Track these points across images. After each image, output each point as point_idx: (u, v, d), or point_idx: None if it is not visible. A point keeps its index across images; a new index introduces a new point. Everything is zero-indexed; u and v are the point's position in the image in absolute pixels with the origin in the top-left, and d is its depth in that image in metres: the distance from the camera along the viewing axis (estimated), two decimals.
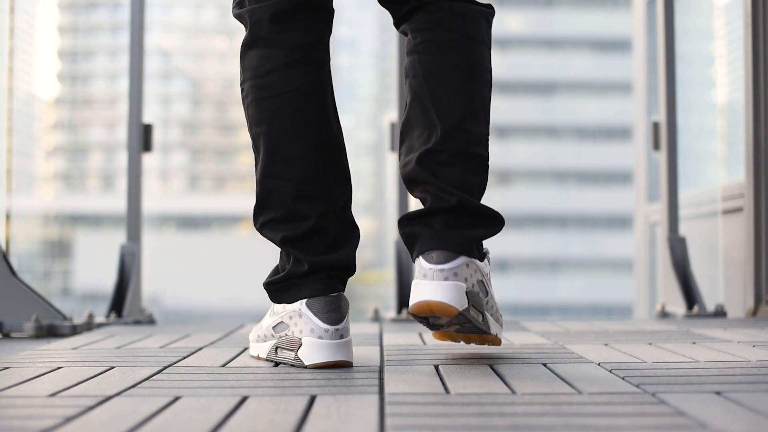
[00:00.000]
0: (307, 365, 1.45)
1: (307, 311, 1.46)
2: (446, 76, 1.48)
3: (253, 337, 1.62)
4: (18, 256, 3.07)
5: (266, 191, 1.49)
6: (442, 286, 1.40)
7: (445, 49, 1.48)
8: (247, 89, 1.50)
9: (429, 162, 1.46)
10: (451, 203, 1.44)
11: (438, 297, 1.39)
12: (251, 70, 1.48)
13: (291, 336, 1.49)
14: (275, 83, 1.46)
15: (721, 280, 3.18)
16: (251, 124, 1.51)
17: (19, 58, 22.22)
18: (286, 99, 1.46)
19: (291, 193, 1.47)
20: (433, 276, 1.41)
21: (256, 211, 1.52)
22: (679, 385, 1.24)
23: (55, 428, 0.99)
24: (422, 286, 1.42)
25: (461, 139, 1.46)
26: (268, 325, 1.56)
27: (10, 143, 2.67)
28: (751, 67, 2.87)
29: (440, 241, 1.43)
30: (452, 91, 1.47)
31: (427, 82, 1.48)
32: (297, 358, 1.47)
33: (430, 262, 1.42)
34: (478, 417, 1.02)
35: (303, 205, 1.47)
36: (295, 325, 1.48)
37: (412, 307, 1.44)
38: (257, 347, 1.60)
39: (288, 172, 1.47)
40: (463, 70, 1.48)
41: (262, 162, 1.49)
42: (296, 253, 1.48)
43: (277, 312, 1.53)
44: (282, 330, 1.51)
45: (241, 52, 1.51)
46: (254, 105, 1.48)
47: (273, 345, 1.53)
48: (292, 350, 1.48)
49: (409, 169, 1.49)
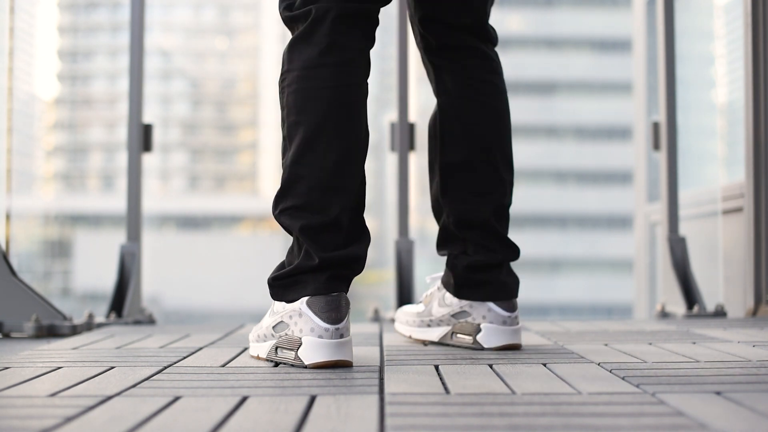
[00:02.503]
0: (307, 365, 1.46)
1: (308, 310, 1.47)
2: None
3: (253, 337, 1.63)
4: (18, 256, 3.07)
5: (295, 178, 1.50)
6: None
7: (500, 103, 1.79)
8: (291, 79, 1.52)
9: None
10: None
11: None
12: (301, 61, 1.51)
13: (291, 335, 1.49)
14: (326, 77, 1.50)
15: (721, 280, 3.18)
16: (290, 111, 1.52)
17: (19, 58, 22.06)
18: (334, 94, 1.50)
19: (319, 183, 1.50)
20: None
21: (278, 196, 1.53)
22: (679, 385, 1.24)
23: (55, 428, 0.99)
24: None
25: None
26: (267, 324, 1.56)
27: (10, 143, 2.66)
28: (751, 67, 2.87)
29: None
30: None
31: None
32: (297, 358, 1.47)
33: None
34: (478, 417, 1.02)
35: (327, 197, 1.50)
36: (295, 324, 1.48)
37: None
38: (257, 347, 1.61)
39: (321, 161, 1.50)
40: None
41: (295, 149, 1.50)
42: (310, 244, 1.49)
43: (277, 311, 1.54)
44: (282, 329, 1.52)
45: (291, 44, 1.54)
46: (298, 94, 1.51)
47: (273, 345, 1.54)
48: (292, 350, 1.48)
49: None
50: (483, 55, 1.75)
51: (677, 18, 3.16)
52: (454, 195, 1.75)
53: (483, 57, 1.75)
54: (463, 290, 1.75)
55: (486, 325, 1.72)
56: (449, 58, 1.74)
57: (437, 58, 1.75)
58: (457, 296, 1.75)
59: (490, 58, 1.75)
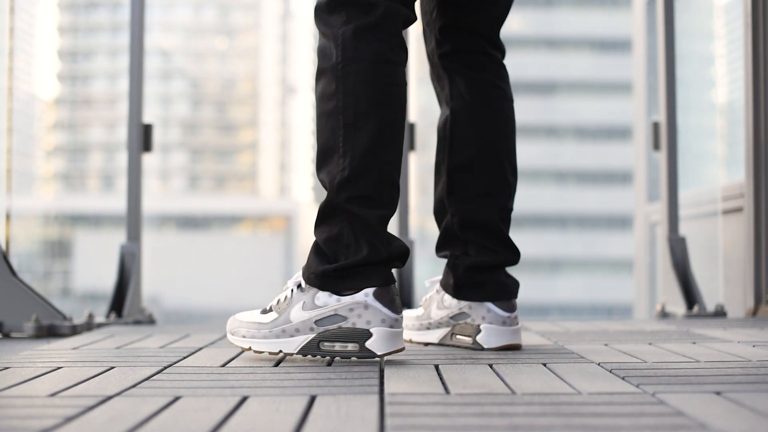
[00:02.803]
0: (380, 354, 1.50)
1: (376, 302, 1.50)
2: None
3: (261, 332, 1.57)
4: (18, 256, 3.07)
5: (366, 168, 1.52)
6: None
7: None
8: (361, 67, 1.52)
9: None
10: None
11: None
12: (371, 53, 1.53)
13: (353, 327, 1.50)
14: (398, 75, 1.56)
15: (721, 280, 3.18)
16: (359, 99, 1.52)
17: (19, 58, 22.09)
18: (403, 93, 1.57)
19: (389, 177, 1.54)
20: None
21: (343, 183, 1.52)
22: (679, 385, 1.24)
23: (55, 428, 0.99)
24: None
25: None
26: (303, 318, 1.53)
27: (10, 143, 2.66)
28: (751, 67, 2.87)
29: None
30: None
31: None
32: (364, 349, 1.49)
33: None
34: (478, 417, 1.02)
35: (393, 192, 1.56)
36: (358, 316, 1.50)
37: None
38: (277, 344, 1.56)
39: (392, 156, 1.54)
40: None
41: (368, 139, 1.51)
42: (380, 236, 1.53)
43: (324, 304, 1.52)
44: (334, 322, 1.51)
45: (356, 31, 1.53)
46: (371, 86, 1.52)
47: (312, 338, 1.52)
48: (356, 342, 1.50)
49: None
50: (496, 63, 1.81)
51: (677, 18, 3.16)
52: (461, 195, 1.77)
53: (496, 64, 1.81)
54: (462, 291, 1.75)
55: (486, 325, 1.72)
56: (465, 64, 1.79)
57: (453, 63, 1.80)
58: (457, 297, 1.76)
59: (502, 66, 1.82)
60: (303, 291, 1.56)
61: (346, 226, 1.52)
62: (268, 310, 1.60)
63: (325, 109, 1.54)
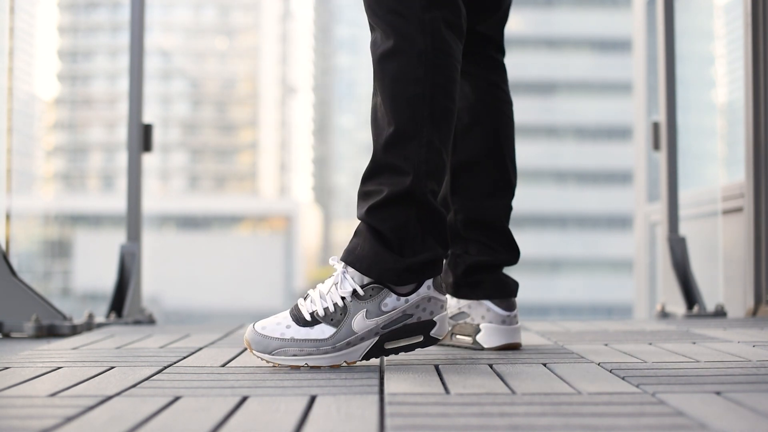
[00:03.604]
0: (441, 338, 1.54)
1: (435, 293, 1.53)
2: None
3: (321, 349, 1.48)
4: (18, 256, 3.07)
5: (443, 164, 1.53)
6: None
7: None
8: (448, 63, 1.52)
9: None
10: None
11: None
12: (453, 51, 1.53)
13: (418, 322, 1.51)
14: (458, 80, 1.57)
15: (721, 280, 3.18)
16: (445, 93, 1.51)
17: (19, 58, 22.04)
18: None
19: (446, 174, 1.57)
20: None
21: (430, 173, 1.49)
22: (679, 385, 1.24)
23: (55, 428, 0.99)
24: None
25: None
26: (368, 327, 1.48)
27: (10, 143, 2.66)
28: (751, 67, 2.87)
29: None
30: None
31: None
32: (429, 339, 1.52)
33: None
34: (478, 417, 1.02)
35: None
36: (423, 310, 1.52)
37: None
38: (341, 356, 1.49)
39: (447, 152, 1.54)
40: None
41: (446, 136, 1.52)
42: (445, 232, 1.54)
43: (390, 310, 1.49)
44: (401, 321, 1.50)
45: (446, 24, 1.52)
46: (453, 84, 1.53)
47: (375, 342, 1.49)
48: (420, 334, 1.51)
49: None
50: (499, 65, 1.84)
51: (677, 18, 3.16)
52: (465, 194, 1.79)
53: (498, 67, 1.83)
54: (462, 289, 1.76)
55: (485, 325, 1.72)
56: (471, 64, 1.81)
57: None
58: (456, 296, 1.76)
59: (503, 68, 1.84)
60: (362, 299, 1.48)
61: (413, 217, 1.49)
62: (310, 321, 1.49)
63: (407, 92, 1.48)
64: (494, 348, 1.71)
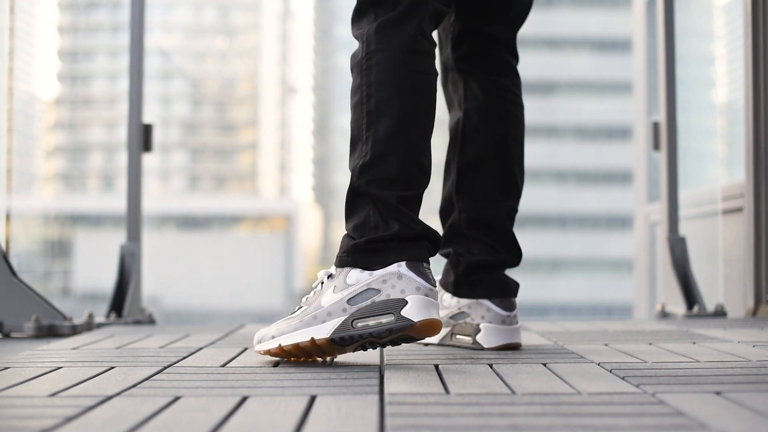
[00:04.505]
0: (417, 321, 1.45)
1: (410, 272, 1.48)
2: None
3: (294, 325, 1.52)
4: (18, 256, 3.06)
5: (388, 151, 1.53)
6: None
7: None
8: (382, 58, 1.56)
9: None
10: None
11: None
12: (394, 44, 1.56)
13: (387, 299, 1.47)
14: (421, 64, 1.57)
15: (721, 280, 3.18)
16: (380, 87, 1.55)
17: (19, 58, 22.05)
18: (428, 81, 1.57)
19: (413, 159, 1.54)
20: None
21: (365, 167, 1.53)
22: (679, 385, 1.24)
23: (55, 428, 0.99)
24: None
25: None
26: (334, 300, 1.50)
27: (10, 143, 2.66)
28: (751, 67, 2.86)
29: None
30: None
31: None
32: (401, 318, 1.45)
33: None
34: (478, 417, 1.02)
35: (419, 175, 1.55)
36: (392, 287, 1.47)
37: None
38: (308, 332, 1.50)
39: (416, 140, 1.55)
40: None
41: (388, 124, 1.53)
42: (406, 214, 1.52)
43: (354, 283, 1.49)
44: (368, 297, 1.48)
45: (378, 27, 1.57)
46: (393, 74, 1.55)
47: (346, 319, 1.47)
48: (389, 312, 1.46)
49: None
50: (510, 68, 1.84)
51: (677, 18, 3.16)
52: (470, 193, 1.79)
53: (509, 70, 1.84)
54: (462, 288, 1.76)
55: (485, 324, 1.72)
56: (481, 67, 1.82)
57: (468, 66, 1.83)
58: (456, 295, 1.76)
59: (515, 72, 1.85)
60: (333, 277, 1.53)
61: (371, 209, 1.52)
62: (296, 310, 1.56)
63: (353, 103, 1.58)
64: (494, 348, 1.71)
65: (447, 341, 1.79)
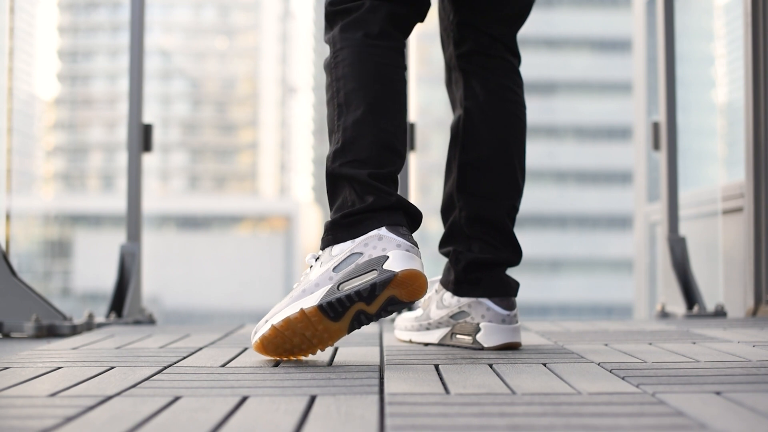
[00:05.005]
0: (398, 272, 1.46)
1: (390, 233, 1.50)
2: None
3: (282, 304, 1.54)
4: (18, 256, 3.07)
5: (357, 135, 1.56)
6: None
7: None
8: (346, 54, 1.61)
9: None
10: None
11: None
12: (356, 40, 1.61)
13: (370, 258, 1.48)
14: (382, 54, 1.62)
15: (721, 280, 3.18)
16: (347, 80, 1.60)
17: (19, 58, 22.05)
18: (390, 70, 1.62)
19: (382, 142, 1.57)
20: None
21: (338, 152, 1.57)
22: (679, 385, 1.24)
23: (55, 428, 0.99)
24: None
25: None
26: (320, 273, 1.51)
27: (10, 143, 2.66)
28: (751, 67, 2.87)
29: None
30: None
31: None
32: (384, 271, 1.46)
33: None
34: (478, 417, 1.02)
35: (388, 155, 1.58)
36: (374, 248, 1.49)
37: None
38: (297, 304, 1.50)
39: (383, 124, 1.58)
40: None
41: (356, 111, 1.57)
42: (380, 188, 1.54)
43: (340, 251, 1.52)
44: (351, 261, 1.49)
45: (342, 28, 1.63)
46: (356, 66, 1.60)
47: (332, 287, 1.48)
48: (374, 269, 1.47)
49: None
50: (511, 67, 1.85)
51: (677, 18, 3.16)
52: (471, 191, 1.80)
53: (511, 69, 1.85)
54: (462, 287, 1.76)
55: (485, 324, 1.72)
56: (482, 65, 1.82)
57: (468, 64, 1.84)
58: (457, 293, 1.76)
59: (516, 71, 1.86)
60: (321, 255, 1.56)
61: (347, 189, 1.56)
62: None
63: (327, 101, 1.63)
64: (494, 347, 1.71)
65: (447, 341, 1.79)
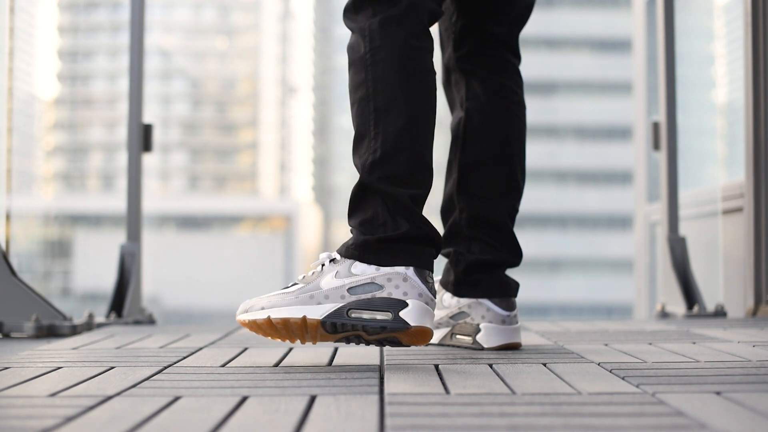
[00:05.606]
0: (413, 325, 1.46)
1: (415, 277, 1.49)
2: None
3: (285, 299, 1.51)
4: (18, 256, 3.07)
5: (399, 148, 1.53)
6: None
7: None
8: (386, 54, 1.56)
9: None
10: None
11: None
12: (399, 40, 1.57)
13: (388, 297, 1.48)
14: (425, 60, 1.59)
15: (721, 280, 3.18)
16: (387, 84, 1.56)
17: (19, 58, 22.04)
18: (432, 79, 1.59)
19: (421, 159, 1.55)
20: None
21: (375, 164, 1.53)
22: (679, 385, 1.24)
23: (55, 428, 0.99)
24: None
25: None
26: (334, 286, 1.50)
27: (10, 143, 2.66)
28: (751, 67, 2.86)
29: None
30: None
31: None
32: (398, 319, 1.46)
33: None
34: (478, 417, 1.02)
35: (425, 174, 1.56)
36: (396, 287, 1.48)
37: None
38: (302, 309, 1.49)
39: (425, 138, 1.56)
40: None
41: (398, 121, 1.54)
42: (416, 214, 1.53)
43: (358, 274, 1.50)
44: (370, 291, 1.48)
45: (382, 22, 1.57)
46: (401, 71, 1.56)
47: (340, 306, 1.48)
48: (388, 311, 1.47)
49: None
50: (512, 68, 1.85)
51: (677, 18, 3.16)
52: (472, 192, 1.79)
53: (511, 69, 1.85)
54: (462, 288, 1.76)
55: (485, 324, 1.72)
56: (483, 66, 1.82)
57: (469, 65, 1.83)
58: (456, 294, 1.76)
59: (517, 72, 1.86)
60: (337, 262, 1.53)
61: (379, 206, 1.53)
62: (290, 286, 1.54)
63: (356, 98, 1.58)
64: (494, 348, 1.71)
65: (447, 341, 1.79)
